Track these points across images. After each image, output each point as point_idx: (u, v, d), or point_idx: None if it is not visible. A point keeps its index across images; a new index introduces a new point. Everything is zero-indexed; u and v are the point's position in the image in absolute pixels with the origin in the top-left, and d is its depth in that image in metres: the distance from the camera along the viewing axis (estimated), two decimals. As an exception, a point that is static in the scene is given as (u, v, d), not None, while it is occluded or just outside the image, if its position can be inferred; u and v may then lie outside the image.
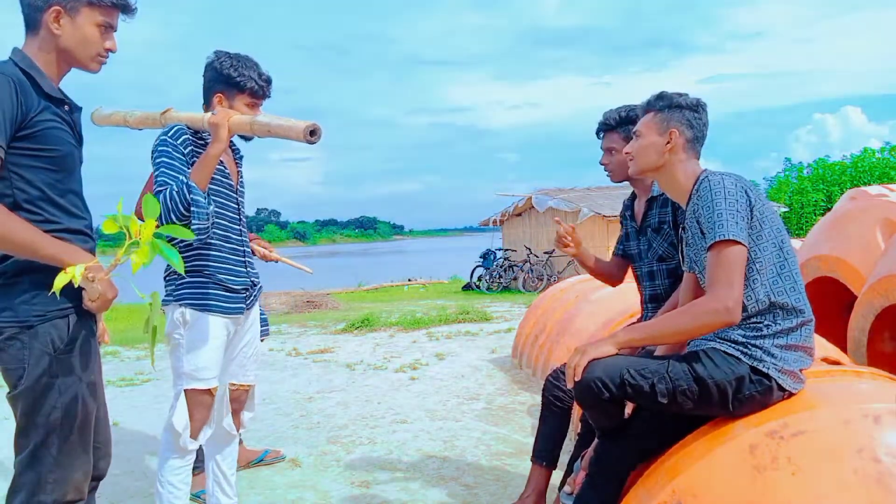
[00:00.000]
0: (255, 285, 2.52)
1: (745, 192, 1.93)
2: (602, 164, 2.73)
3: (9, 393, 1.76)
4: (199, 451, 2.92)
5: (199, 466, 3.03)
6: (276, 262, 3.43)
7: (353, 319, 9.13)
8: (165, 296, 2.36)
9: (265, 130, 2.17)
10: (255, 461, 3.48)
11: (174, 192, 2.14)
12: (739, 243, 1.86)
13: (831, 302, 3.98)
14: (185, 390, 2.31)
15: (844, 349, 3.40)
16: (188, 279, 2.33)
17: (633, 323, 2.83)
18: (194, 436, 2.33)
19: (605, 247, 15.28)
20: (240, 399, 2.57)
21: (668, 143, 2.09)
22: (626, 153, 2.21)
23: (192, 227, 2.18)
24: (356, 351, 7.13)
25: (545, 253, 15.81)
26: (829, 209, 14.88)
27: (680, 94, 2.15)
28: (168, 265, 2.37)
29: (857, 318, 3.40)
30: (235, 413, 2.56)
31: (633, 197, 2.82)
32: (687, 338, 1.96)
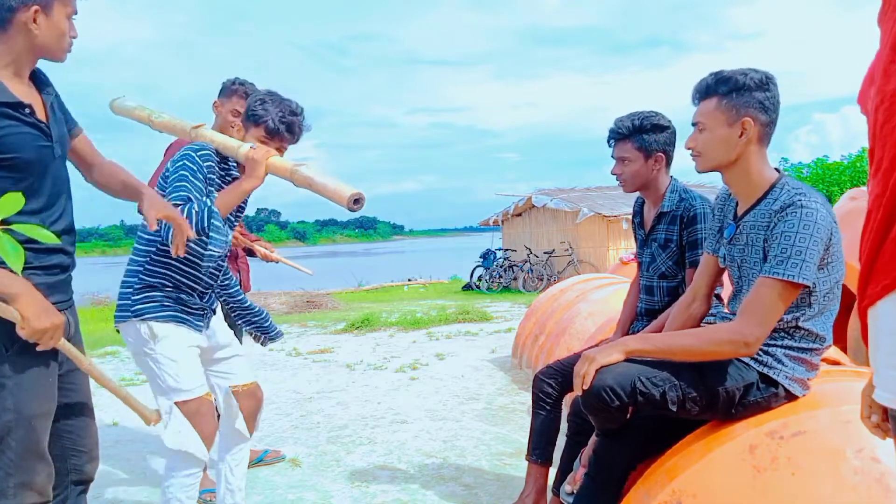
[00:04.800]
0: (213, 310, 2.44)
1: (831, 229, 1.78)
2: (614, 174, 2.61)
3: None
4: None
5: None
6: (277, 262, 3.44)
7: (353, 319, 9.13)
8: (121, 311, 2.23)
9: (306, 184, 2.07)
10: (255, 461, 3.48)
11: (193, 212, 2.06)
12: (801, 286, 1.77)
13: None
14: (176, 404, 2.18)
15: (844, 349, 3.39)
16: (147, 292, 2.20)
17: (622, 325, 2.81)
18: (210, 447, 2.24)
19: (604, 247, 15.29)
20: (255, 395, 2.51)
21: (742, 134, 1.86)
22: (689, 148, 1.98)
23: (206, 251, 2.15)
24: (356, 351, 7.13)
25: (545, 253, 15.81)
26: (829, 209, 14.84)
27: (744, 73, 1.87)
28: (124, 278, 2.25)
29: (857, 318, 3.39)
30: (251, 416, 2.50)
31: (643, 202, 2.74)
32: (698, 359, 1.88)
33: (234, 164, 2.32)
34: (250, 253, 3.45)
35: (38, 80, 1.83)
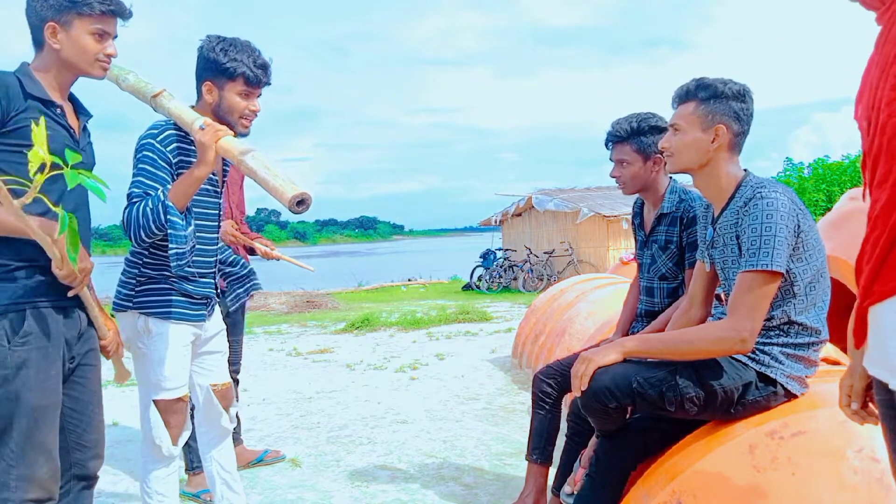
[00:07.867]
0: (217, 295, 2.38)
1: (796, 215, 1.82)
2: (613, 177, 2.61)
3: None
4: (196, 450, 2.90)
5: (199, 466, 3.03)
6: (278, 260, 3.43)
7: (353, 319, 9.13)
8: (121, 300, 2.19)
9: (250, 174, 1.93)
10: (255, 461, 3.48)
11: (147, 209, 1.95)
12: (778, 274, 1.79)
13: (831, 302, 3.97)
14: (154, 400, 2.18)
15: (844, 349, 3.39)
16: (148, 286, 2.16)
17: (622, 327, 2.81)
18: (175, 442, 2.22)
19: (604, 247, 15.28)
20: (227, 396, 2.46)
21: (714, 140, 1.93)
22: (664, 148, 2.05)
23: (170, 250, 2.01)
24: (356, 351, 7.13)
25: (545, 253, 15.82)
26: (829, 209, 14.85)
27: (724, 82, 1.94)
28: (125, 268, 2.22)
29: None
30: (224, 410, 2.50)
31: (642, 203, 2.74)
32: (695, 358, 1.89)
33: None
34: (251, 251, 3.45)
35: (77, 105, 1.96)
